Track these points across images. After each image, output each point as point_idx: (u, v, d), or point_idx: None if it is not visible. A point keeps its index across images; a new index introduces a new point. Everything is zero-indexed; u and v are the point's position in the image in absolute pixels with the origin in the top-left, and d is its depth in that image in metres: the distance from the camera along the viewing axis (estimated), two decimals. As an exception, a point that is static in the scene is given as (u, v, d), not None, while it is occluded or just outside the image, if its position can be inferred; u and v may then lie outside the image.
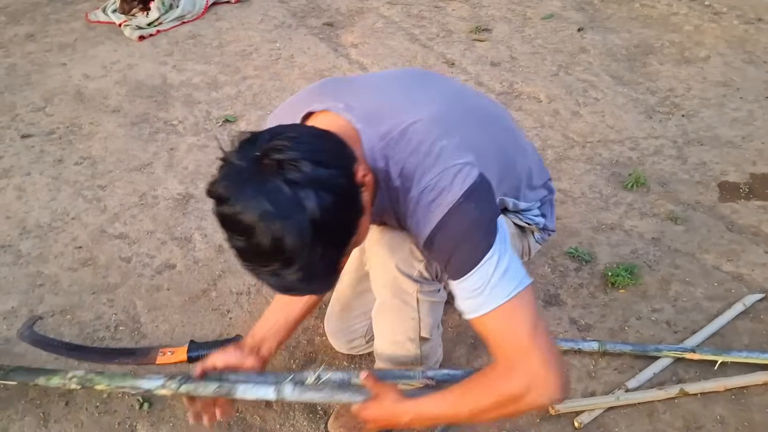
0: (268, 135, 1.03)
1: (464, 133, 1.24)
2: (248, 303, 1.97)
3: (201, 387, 1.40)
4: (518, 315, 1.14)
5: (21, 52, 3.34)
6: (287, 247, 0.97)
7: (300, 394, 1.38)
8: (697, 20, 3.49)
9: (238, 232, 0.99)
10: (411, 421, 1.26)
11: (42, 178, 2.49)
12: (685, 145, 2.60)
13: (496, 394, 1.16)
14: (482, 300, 1.15)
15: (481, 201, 1.18)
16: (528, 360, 1.12)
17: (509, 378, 1.14)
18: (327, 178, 1.00)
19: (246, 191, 0.98)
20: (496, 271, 1.14)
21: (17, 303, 1.98)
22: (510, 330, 1.14)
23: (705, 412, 1.64)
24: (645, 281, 2.00)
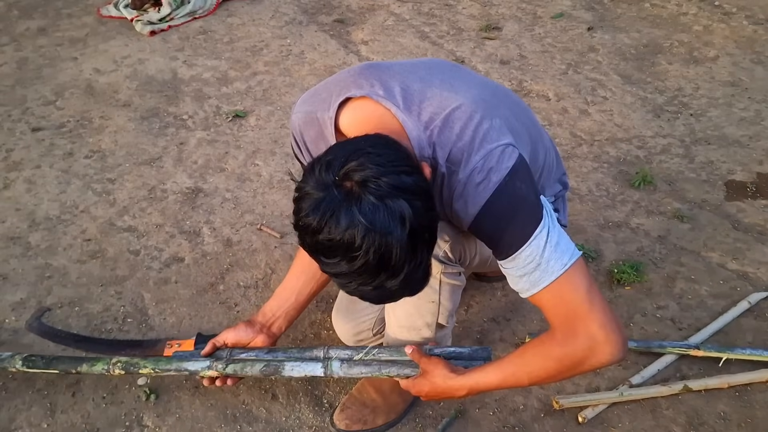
0: (340, 158, 1.03)
1: (503, 117, 1.26)
2: (255, 296, 1.99)
3: (248, 367, 1.45)
4: (574, 284, 1.18)
5: (32, 46, 3.37)
6: (394, 260, 1.00)
7: (348, 369, 1.43)
8: (706, 20, 3.48)
9: (340, 257, 1.00)
10: (467, 395, 1.33)
11: (52, 171, 2.51)
12: (693, 144, 2.60)
13: (557, 359, 1.21)
14: (538, 275, 1.18)
15: (526, 179, 1.21)
16: (587, 324, 1.16)
17: (570, 343, 1.18)
18: (411, 185, 1.02)
19: (341, 217, 0.98)
20: (548, 244, 1.17)
21: (26, 294, 2.00)
22: (567, 300, 1.18)
23: (708, 408, 1.65)
24: (650, 278, 2.00)
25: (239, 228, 2.24)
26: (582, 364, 1.19)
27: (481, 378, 1.31)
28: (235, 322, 1.89)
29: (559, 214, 1.65)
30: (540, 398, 1.68)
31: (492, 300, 1.95)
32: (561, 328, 1.20)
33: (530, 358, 1.26)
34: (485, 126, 1.21)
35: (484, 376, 1.31)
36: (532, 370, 1.25)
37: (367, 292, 1.06)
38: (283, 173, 2.50)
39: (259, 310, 1.60)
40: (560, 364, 1.21)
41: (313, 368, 1.45)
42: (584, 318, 1.17)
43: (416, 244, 1.02)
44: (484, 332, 1.86)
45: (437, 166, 1.22)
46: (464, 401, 1.67)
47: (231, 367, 1.48)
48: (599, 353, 1.17)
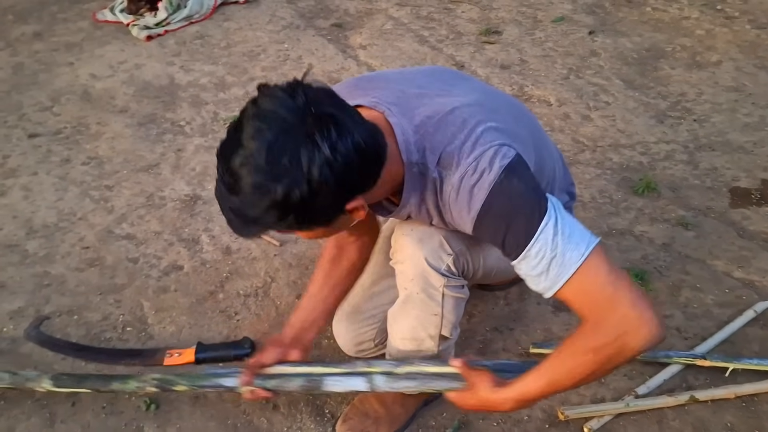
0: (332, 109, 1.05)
1: (501, 120, 1.24)
2: (255, 305, 1.96)
3: (287, 382, 1.43)
4: (596, 273, 1.13)
5: (28, 51, 3.35)
6: (241, 183, 1.03)
7: (393, 384, 1.39)
8: (708, 25, 3.47)
9: (236, 132, 1.04)
10: (514, 407, 1.27)
11: (49, 177, 2.49)
12: (696, 150, 2.58)
13: (593, 352, 1.14)
14: (556, 271, 1.13)
15: (523, 175, 1.17)
16: (615, 309, 1.11)
17: (602, 332, 1.12)
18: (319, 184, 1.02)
19: (271, 121, 1.02)
20: (559, 236, 1.13)
21: (24, 303, 1.97)
22: (592, 290, 1.13)
23: (714, 419, 1.63)
24: (655, 287, 1.99)
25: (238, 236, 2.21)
26: (621, 351, 1.12)
27: (523, 388, 1.24)
28: (235, 330, 1.88)
29: None
30: (545, 409, 1.66)
31: (494, 309, 1.93)
32: (591, 319, 1.14)
33: (567, 358, 1.19)
34: (479, 129, 1.19)
35: (526, 385, 1.24)
36: (571, 369, 1.18)
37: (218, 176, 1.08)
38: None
39: (287, 324, 1.56)
40: (598, 356, 1.14)
41: (356, 383, 1.42)
42: (612, 303, 1.11)
43: (267, 204, 1.03)
44: (487, 342, 1.84)
45: (427, 170, 1.20)
46: (467, 412, 1.65)
47: (270, 382, 1.44)
48: (635, 335, 1.10)
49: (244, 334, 1.86)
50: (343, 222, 1.17)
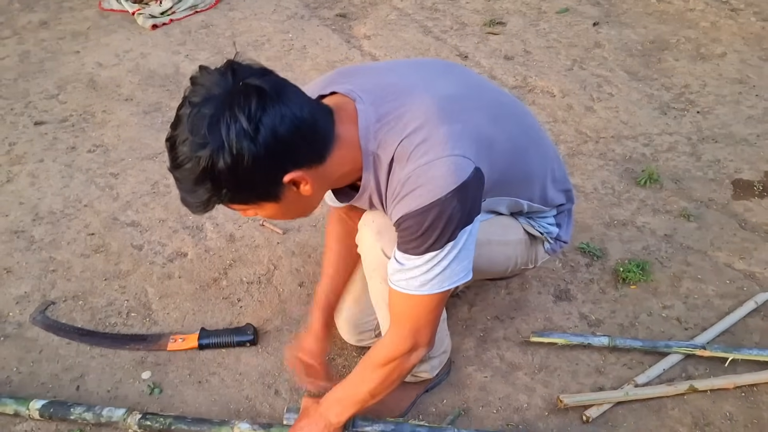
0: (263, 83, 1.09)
1: (470, 123, 1.23)
2: (258, 292, 1.98)
3: None
4: (432, 304, 1.27)
5: (34, 40, 3.36)
6: (178, 154, 1.08)
7: None
8: (713, 16, 3.46)
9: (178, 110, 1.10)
10: (338, 414, 1.42)
11: (55, 165, 2.50)
12: (700, 142, 2.58)
13: (395, 367, 1.34)
14: (413, 282, 1.23)
15: (468, 198, 1.18)
16: (420, 336, 1.31)
17: (400, 345, 1.31)
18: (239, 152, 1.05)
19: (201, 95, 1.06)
20: (441, 265, 1.21)
21: (30, 288, 1.99)
22: (419, 312, 1.28)
23: (714, 409, 1.64)
24: (656, 278, 1.99)
25: (242, 224, 2.23)
26: (402, 365, 1.34)
27: (335, 393, 1.43)
28: (239, 317, 1.90)
29: (560, 230, 1.63)
30: (544, 397, 1.67)
31: (495, 298, 1.94)
32: (395, 331, 1.31)
33: (363, 368, 1.38)
34: (442, 130, 1.18)
35: (337, 388, 1.43)
36: (369, 379, 1.37)
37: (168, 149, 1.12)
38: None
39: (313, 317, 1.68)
40: (386, 370, 1.34)
41: None
42: (421, 332, 1.30)
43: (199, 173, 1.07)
44: (487, 330, 1.85)
45: (379, 161, 1.22)
46: (467, 399, 1.66)
47: None
48: (413, 358, 1.33)
49: (247, 320, 1.88)
50: (294, 198, 1.18)
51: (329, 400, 1.43)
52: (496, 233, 1.49)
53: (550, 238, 1.62)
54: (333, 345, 1.80)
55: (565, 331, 1.84)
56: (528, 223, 1.57)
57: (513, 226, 1.56)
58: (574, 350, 1.78)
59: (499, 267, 1.61)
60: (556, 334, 1.79)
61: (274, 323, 1.88)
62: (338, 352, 1.79)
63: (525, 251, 1.61)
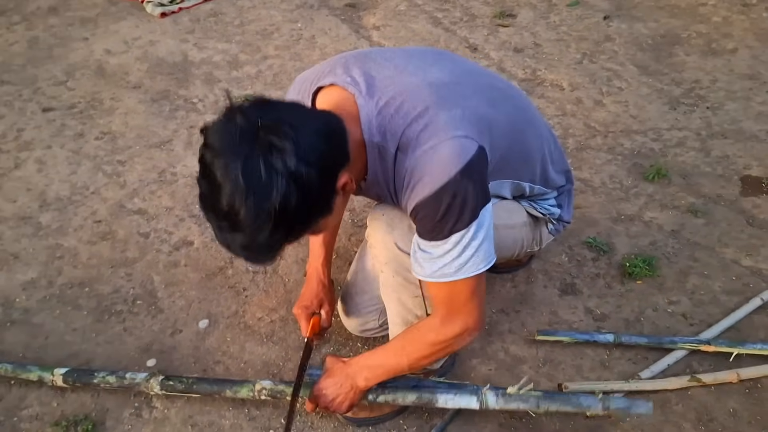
0: (276, 113, 1.06)
1: (468, 107, 1.24)
2: (264, 282, 1.98)
3: (400, 396, 1.51)
4: (469, 286, 1.25)
5: (43, 26, 3.36)
6: (239, 218, 1.02)
7: (505, 403, 1.47)
8: (725, 11, 3.43)
9: (207, 180, 1.04)
10: (366, 382, 1.42)
11: (62, 151, 2.51)
12: (709, 137, 2.56)
13: (432, 344, 1.34)
14: (444, 270, 1.22)
15: (477, 177, 1.19)
16: (466, 318, 1.30)
17: (448, 331, 1.31)
18: (305, 177, 1.03)
19: (230, 152, 1.01)
20: (467, 249, 1.20)
21: (36, 274, 2.00)
22: (457, 297, 1.27)
23: (718, 404, 1.63)
24: (663, 273, 1.99)
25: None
26: (451, 345, 1.34)
27: (367, 359, 1.43)
28: (243, 306, 1.90)
29: (562, 211, 1.64)
30: (547, 388, 1.67)
31: (501, 291, 1.94)
32: (443, 314, 1.31)
33: (409, 342, 1.38)
34: (442, 116, 1.19)
35: (370, 355, 1.44)
36: (410, 351, 1.37)
37: (212, 225, 1.09)
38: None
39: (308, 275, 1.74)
40: (435, 346, 1.34)
41: (468, 401, 1.48)
42: (466, 313, 1.29)
43: (267, 224, 1.03)
44: (493, 323, 1.85)
45: (386, 152, 1.22)
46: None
47: (383, 397, 1.50)
48: (468, 337, 1.33)
49: (253, 310, 1.88)
50: (340, 204, 1.20)
51: (359, 363, 1.43)
52: (500, 217, 1.49)
53: (552, 219, 1.64)
54: (338, 336, 1.81)
55: (571, 326, 1.83)
56: (530, 206, 1.59)
57: (516, 210, 1.58)
58: (579, 345, 1.78)
59: (507, 251, 1.63)
60: (561, 333, 1.78)
61: (279, 313, 1.88)
62: (343, 342, 1.80)
63: (530, 233, 1.63)
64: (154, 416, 1.62)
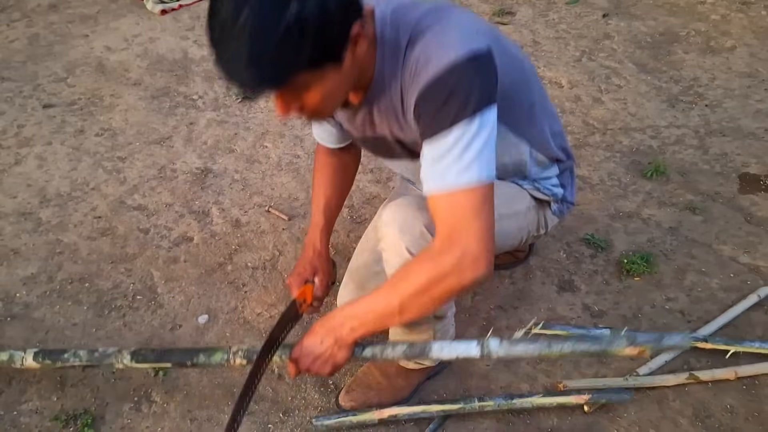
0: None
1: (483, 24, 1.25)
2: (263, 277, 1.99)
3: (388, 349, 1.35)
4: (477, 200, 1.15)
5: (44, 23, 3.36)
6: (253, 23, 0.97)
7: (510, 348, 1.29)
8: (724, 9, 3.43)
9: None
10: (353, 327, 1.26)
11: (63, 147, 2.52)
12: (707, 135, 2.57)
13: (428, 270, 1.17)
14: (450, 174, 1.14)
15: (485, 71, 1.16)
16: (468, 238, 1.14)
17: (445, 253, 1.15)
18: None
19: None
20: (476, 145, 1.14)
21: (36, 269, 2.01)
22: (462, 212, 1.15)
23: (715, 401, 1.64)
24: (660, 270, 1.99)
25: (248, 209, 2.24)
26: (449, 276, 1.16)
27: (352, 307, 1.27)
28: (243, 302, 1.91)
29: (565, 191, 1.62)
30: (546, 386, 1.68)
31: (499, 287, 1.95)
32: (442, 237, 1.17)
33: (401, 273, 1.23)
34: (455, 15, 1.20)
35: (356, 302, 1.28)
36: (401, 287, 1.20)
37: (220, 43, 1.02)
38: (292, 156, 2.49)
39: (306, 248, 1.64)
40: (431, 276, 1.16)
41: (467, 348, 1.31)
42: (469, 234, 1.15)
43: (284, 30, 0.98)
44: (491, 320, 1.86)
45: (398, 44, 1.20)
46: (469, 387, 1.67)
47: (369, 350, 1.35)
48: (469, 266, 1.15)
49: (252, 305, 1.89)
50: (348, 67, 1.13)
51: (343, 313, 1.28)
52: (503, 206, 1.44)
53: (556, 200, 1.61)
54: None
55: (568, 322, 1.84)
56: (533, 187, 1.56)
57: (518, 195, 1.55)
58: (576, 340, 1.79)
59: (513, 240, 1.60)
60: (558, 327, 1.79)
61: (279, 309, 1.89)
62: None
63: (534, 217, 1.60)
64: (153, 410, 1.63)
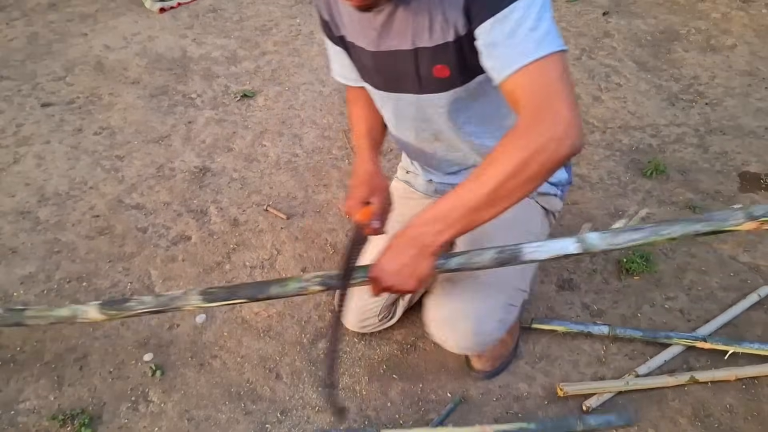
0: None
1: None
2: (261, 277, 1.98)
3: (476, 257, 1.23)
4: (557, 69, 1.06)
5: (43, 21, 3.36)
6: None
7: (612, 239, 1.20)
8: (724, 8, 3.42)
9: None
10: (438, 233, 1.13)
11: (61, 146, 2.51)
12: (707, 133, 2.56)
13: (520, 148, 1.05)
14: (524, 47, 1.07)
15: None
16: (559, 106, 1.05)
17: (536, 125, 1.05)
18: None
19: None
20: (542, 17, 1.07)
21: (35, 269, 2.00)
22: (545, 83, 1.06)
23: (714, 400, 1.64)
24: (660, 269, 1.99)
25: (246, 208, 2.23)
26: (545, 147, 1.04)
27: (433, 209, 1.14)
28: (241, 302, 1.90)
29: (567, 171, 1.62)
30: (544, 386, 1.67)
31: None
32: (529, 112, 1.06)
33: (486, 162, 1.09)
34: None
35: (437, 203, 1.14)
36: (490, 173, 1.08)
37: None
38: (291, 155, 2.49)
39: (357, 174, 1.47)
40: (524, 153, 1.04)
41: (564, 246, 1.19)
42: (557, 101, 1.05)
43: None
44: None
45: None
46: (468, 387, 1.67)
47: (455, 260, 1.23)
48: (566, 133, 1.04)
49: (250, 305, 1.88)
50: None
51: (421, 220, 1.15)
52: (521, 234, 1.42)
53: (559, 186, 1.60)
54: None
55: (567, 321, 1.83)
56: None
57: (529, 210, 1.55)
58: (575, 340, 1.78)
59: None
60: (556, 322, 1.79)
61: (276, 308, 1.88)
62: (340, 337, 1.80)
63: (546, 221, 1.61)
64: (150, 410, 1.62)
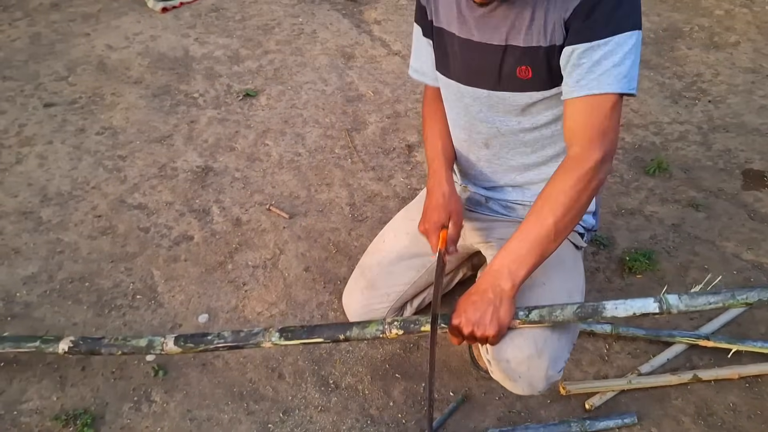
0: None
1: None
2: (264, 276, 1.98)
3: (557, 311, 1.29)
4: (618, 107, 1.19)
5: (45, 21, 3.36)
6: None
7: (691, 301, 1.30)
8: (728, 5, 3.41)
9: None
10: (511, 273, 1.22)
11: (64, 146, 2.51)
12: (710, 131, 2.56)
13: (576, 181, 1.19)
14: (605, 78, 1.16)
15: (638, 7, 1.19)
16: (609, 141, 1.20)
17: (587, 156, 1.19)
18: None
19: None
20: (630, 57, 1.16)
21: (37, 269, 2.01)
22: (605, 115, 1.19)
23: (717, 399, 1.63)
24: (663, 267, 1.98)
25: (248, 208, 2.23)
26: (593, 178, 1.20)
27: (502, 252, 1.24)
28: (243, 300, 1.90)
29: (595, 217, 1.58)
30: (548, 387, 1.67)
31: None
32: (585, 139, 1.20)
33: (546, 198, 1.22)
34: None
35: (505, 246, 1.24)
36: (551, 206, 1.21)
37: None
38: (293, 154, 2.48)
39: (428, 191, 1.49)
40: (577, 185, 1.20)
41: (644, 305, 1.29)
42: (612, 135, 1.20)
43: None
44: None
45: None
46: (470, 386, 1.66)
47: (535, 313, 1.29)
48: (605, 166, 1.21)
49: (252, 304, 1.89)
50: None
51: (493, 268, 1.24)
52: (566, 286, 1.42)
53: (588, 229, 1.57)
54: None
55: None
56: None
57: (568, 257, 1.49)
58: (578, 338, 1.78)
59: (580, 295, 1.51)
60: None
61: (279, 307, 1.88)
62: (342, 336, 1.80)
63: (581, 262, 1.56)
64: (153, 410, 1.62)
